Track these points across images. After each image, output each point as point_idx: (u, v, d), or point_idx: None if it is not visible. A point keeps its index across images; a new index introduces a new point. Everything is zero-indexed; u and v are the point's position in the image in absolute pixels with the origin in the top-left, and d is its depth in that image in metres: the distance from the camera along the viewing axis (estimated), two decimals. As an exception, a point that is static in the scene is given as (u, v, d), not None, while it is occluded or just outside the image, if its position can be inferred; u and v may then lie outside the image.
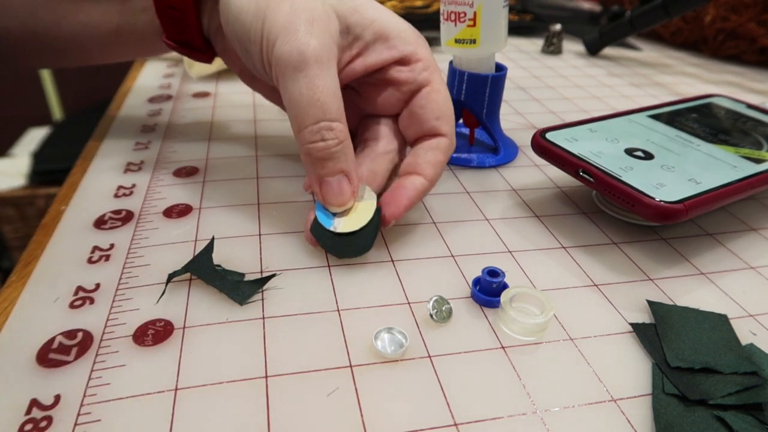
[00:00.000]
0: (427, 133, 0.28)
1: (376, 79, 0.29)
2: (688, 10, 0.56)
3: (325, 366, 0.21)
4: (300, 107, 0.24)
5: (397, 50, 0.28)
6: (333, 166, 0.25)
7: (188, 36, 0.30)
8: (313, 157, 0.25)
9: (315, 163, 0.25)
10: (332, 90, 0.24)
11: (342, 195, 0.25)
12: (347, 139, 0.25)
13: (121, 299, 0.23)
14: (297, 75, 0.24)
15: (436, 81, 0.28)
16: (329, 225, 0.25)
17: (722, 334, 0.23)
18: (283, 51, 0.24)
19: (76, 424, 0.18)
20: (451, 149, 0.28)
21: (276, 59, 0.24)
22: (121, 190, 0.31)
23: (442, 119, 0.28)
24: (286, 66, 0.24)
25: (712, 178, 0.28)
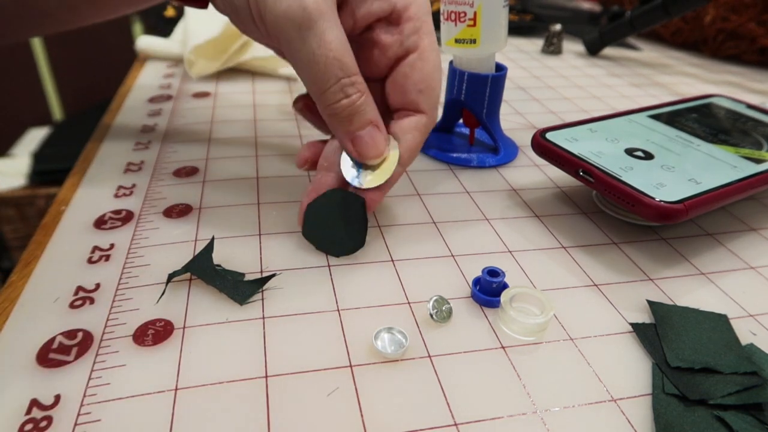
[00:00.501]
0: (407, 106, 0.27)
1: (364, 39, 0.27)
2: (688, 10, 0.56)
3: (325, 366, 0.21)
4: (317, 69, 0.23)
5: (387, 2, 0.25)
6: (361, 119, 0.25)
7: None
8: (339, 116, 0.24)
9: (343, 121, 0.25)
10: (343, 42, 0.23)
11: (377, 145, 0.25)
12: (367, 89, 0.25)
13: (121, 299, 0.23)
14: (304, 34, 0.22)
15: (425, 47, 0.26)
16: (356, 183, 0.26)
17: (722, 334, 0.23)
18: (280, 9, 0.22)
19: (76, 424, 0.18)
20: (430, 127, 0.27)
21: (274, 19, 0.22)
22: (121, 190, 0.31)
23: (424, 92, 0.26)
24: (288, 25, 0.22)
25: (712, 178, 0.28)
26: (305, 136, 0.39)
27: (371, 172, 0.26)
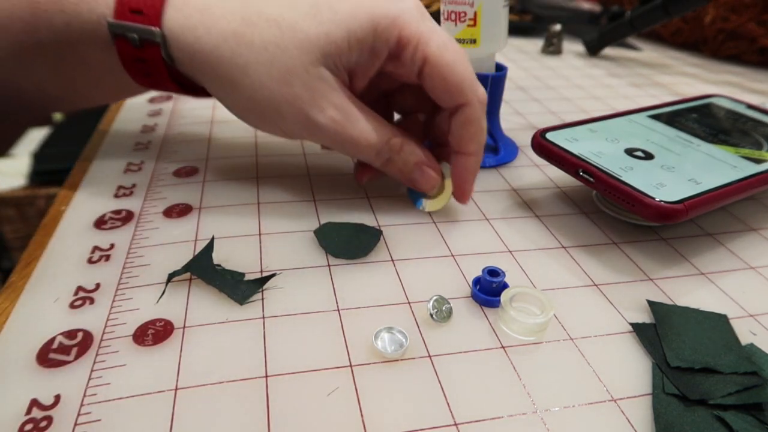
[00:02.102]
0: (450, 107, 0.27)
1: (384, 81, 0.29)
2: (688, 10, 0.56)
3: (325, 365, 0.21)
4: (358, 153, 0.28)
5: (379, 49, 0.26)
6: (408, 166, 0.28)
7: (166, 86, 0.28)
8: (391, 171, 0.28)
9: (395, 172, 0.28)
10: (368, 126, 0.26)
11: (428, 180, 0.29)
12: (405, 139, 0.28)
13: (121, 299, 0.23)
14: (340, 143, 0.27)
15: (433, 54, 0.25)
16: (420, 207, 0.30)
17: (722, 334, 0.23)
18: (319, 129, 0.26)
19: (76, 424, 0.18)
20: (482, 109, 0.27)
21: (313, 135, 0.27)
22: (121, 190, 0.31)
23: (453, 91, 0.26)
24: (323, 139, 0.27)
25: (712, 178, 0.28)
26: (305, 136, 0.39)
27: (430, 200, 0.30)
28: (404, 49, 0.25)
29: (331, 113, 0.25)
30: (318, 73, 0.25)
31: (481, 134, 0.28)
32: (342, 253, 0.27)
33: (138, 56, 0.25)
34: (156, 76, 0.27)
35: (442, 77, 0.26)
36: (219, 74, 0.25)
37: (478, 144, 0.28)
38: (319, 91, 0.25)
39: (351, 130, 0.26)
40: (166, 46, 0.25)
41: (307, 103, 0.25)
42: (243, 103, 0.27)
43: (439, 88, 0.26)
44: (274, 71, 0.24)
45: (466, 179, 0.28)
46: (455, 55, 0.26)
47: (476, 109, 0.26)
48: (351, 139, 0.26)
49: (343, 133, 0.26)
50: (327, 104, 0.25)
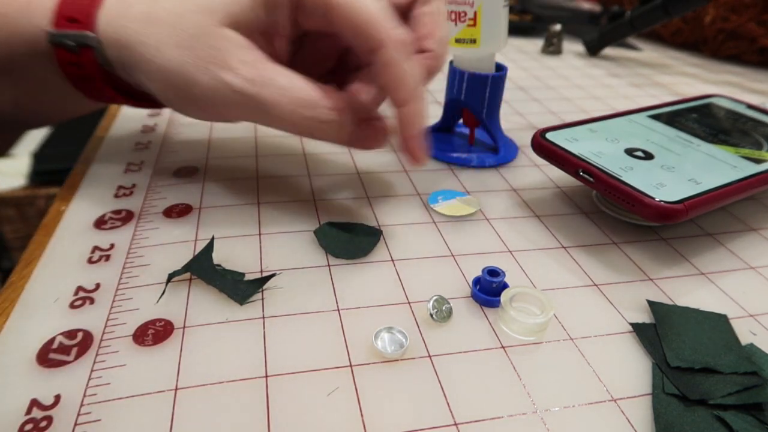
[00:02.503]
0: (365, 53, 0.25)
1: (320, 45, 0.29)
2: (688, 10, 0.56)
3: (325, 365, 0.21)
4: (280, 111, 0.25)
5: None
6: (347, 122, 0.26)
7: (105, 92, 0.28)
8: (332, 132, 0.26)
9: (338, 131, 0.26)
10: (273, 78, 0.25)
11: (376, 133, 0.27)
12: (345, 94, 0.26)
13: (121, 299, 0.23)
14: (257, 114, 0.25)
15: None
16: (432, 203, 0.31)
17: (722, 334, 0.23)
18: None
19: (76, 424, 0.18)
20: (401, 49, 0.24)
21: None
22: (121, 190, 0.31)
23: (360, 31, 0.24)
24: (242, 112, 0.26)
25: (712, 178, 0.28)
26: (305, 136, 0.39)
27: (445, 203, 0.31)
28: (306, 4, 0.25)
29: (243, 71, 0.24)
30: (221, 33, 0.24)
31: (406, 78, 0.24)
32: (342, 253, 0.27)
33: (74, 61, 0.26)
34: (93, 81, 0.27)
35: (347, 19, 0.24)
36: (139, 60, 0.25)
37: (406, 90, 0.25)
38: (225, 50, 0.24)
39: (272, 90, 0.24)
40: (101, 49, 0.25)
41: (214, 63, 0.24)
42: (163, 84, 0.25)
43: (348, 32, 0.24)
44: (179, 39, 0.24)
45: (404, 137, 0.26)
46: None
47: (391, 49, 0.24)
48: (269, 100, 0.24)
49: (260, 94, 0.24)
50: (237, 62, 0.24)
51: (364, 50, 0.25)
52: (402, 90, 0.24)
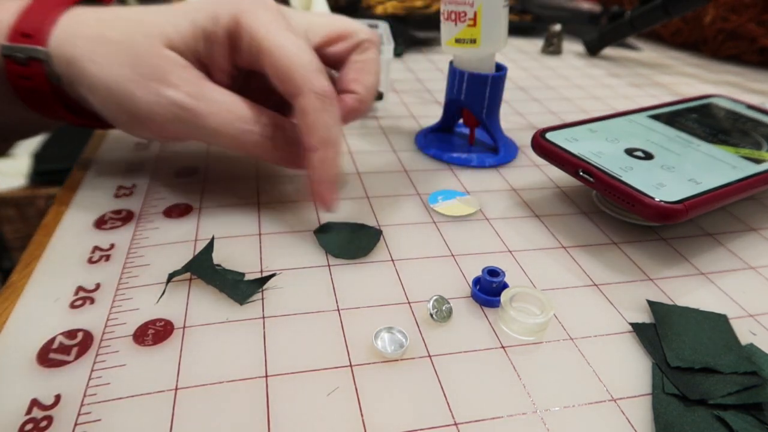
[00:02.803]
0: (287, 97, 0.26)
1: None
2: (688, 11, 0.56)
3: (325, 365, 0.21)
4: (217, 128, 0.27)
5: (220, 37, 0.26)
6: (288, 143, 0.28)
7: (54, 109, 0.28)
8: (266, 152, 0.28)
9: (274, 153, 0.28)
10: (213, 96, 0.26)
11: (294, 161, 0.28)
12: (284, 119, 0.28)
13: (121, 299, 0.23)
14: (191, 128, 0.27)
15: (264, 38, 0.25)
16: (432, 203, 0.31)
17: (722, 334, 0.23)
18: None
19: (76, 423, 0.18)
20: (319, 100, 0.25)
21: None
22: (121, 190, 0.31)
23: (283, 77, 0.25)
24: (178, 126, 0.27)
25: (712, 178, 0.28)
26: (305, 136, 0.39)
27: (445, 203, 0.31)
28: (241, 37, 0.26)
29: (183, 87, 0.25)
30: (164, 53, 0.25)
31: (320, 127, 0.25)
32: (342, 253, 0.27)
33: (24, 74, 0.26)
34: (43, 96, 0.27)
35: (273, 66, 0.25)
36: (85, 75, 0.26)
37: (318, 138, 0.25)
38: (166, 68, 0.25)
39: (210, 104, 0.26)
40: (50, 63, 0.26)
41: (155, 80, 0.25)
42: (106, 100, 0.26)
43: (273, 76, 0.26)
44: (125, 58, 0.25)
45: (313, 181, 0.26)
46: (287, 41, 0.25)
47: (309, 99, 0.25)
48: (206, 115, 0.26)
49: (197, 109, 0.25)
50: (177, 79, 0.25)
51: (286, 95, 0.26)
52: (313, 136, 0.25)
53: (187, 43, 0.26)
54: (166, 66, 0.25)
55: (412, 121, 0.43)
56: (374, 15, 0.69)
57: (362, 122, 0.42)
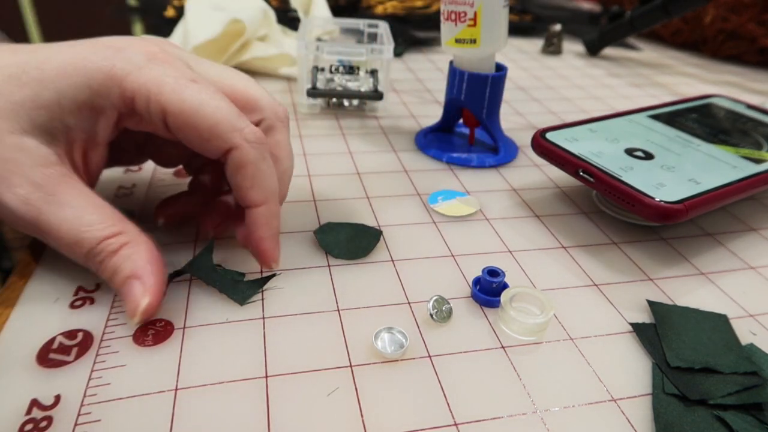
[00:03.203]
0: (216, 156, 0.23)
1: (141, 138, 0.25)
2: (688, 10, 0.56)
3: (326, 366, 0.21)
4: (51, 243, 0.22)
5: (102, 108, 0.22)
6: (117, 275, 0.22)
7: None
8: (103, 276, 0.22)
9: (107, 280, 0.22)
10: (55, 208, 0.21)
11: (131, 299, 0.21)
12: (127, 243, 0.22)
13: (121, 299, 0.23)
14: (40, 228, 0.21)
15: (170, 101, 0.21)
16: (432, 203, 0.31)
17: (722, 334, 0.23)
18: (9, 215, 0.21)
19: (76, 424, 0.18)
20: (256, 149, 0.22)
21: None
22: (121, 190, 0.31)
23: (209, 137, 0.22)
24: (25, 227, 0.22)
25: (712, 178, 0.28)
26: (305, 135, 0.39)
27: (444, 203, 0.31)
28: (135, 104, 0.22)
29: (22, 191, 0.20)
30: (17, 142, 0.21)
31: (263, 178, 0.23)
32: (342, 253, 0.27)
33: None
34: None
35: (190, 126, 0.22)
36: None
37: (262, 191, 0.23)
38: (14, 164, 0.20)
39: (49, 217, 0.21)
40: None
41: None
42: None
43: (194, 139, 0.22)
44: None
45: (259, 237, 0.23)
46: (200, 94, 0.22)
47: (246, 150, 0.22)
48: (49, 229, 0.21)
49: (38, 220, 0.21)
50: (20, 180, 0.21)
51: (209, 153, 0.23)
52: (258, 190, 0.23)
53: (54, 122, 0.21)
54: (15, 161, 0.21)
55: (412, 121, 0.43)
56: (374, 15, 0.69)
57: (362, 122, 0.42)
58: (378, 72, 0.42)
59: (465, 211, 0.31)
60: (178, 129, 0.22)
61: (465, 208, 0.31)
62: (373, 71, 0.42)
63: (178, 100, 0.21)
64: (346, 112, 0.43)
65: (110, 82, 0.21)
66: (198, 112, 0.21)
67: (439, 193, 0.32)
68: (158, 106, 0.21)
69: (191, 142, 0.22)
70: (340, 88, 0.42)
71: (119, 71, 0.21)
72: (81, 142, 0.22)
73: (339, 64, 0.42)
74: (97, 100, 0.21)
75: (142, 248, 0.22)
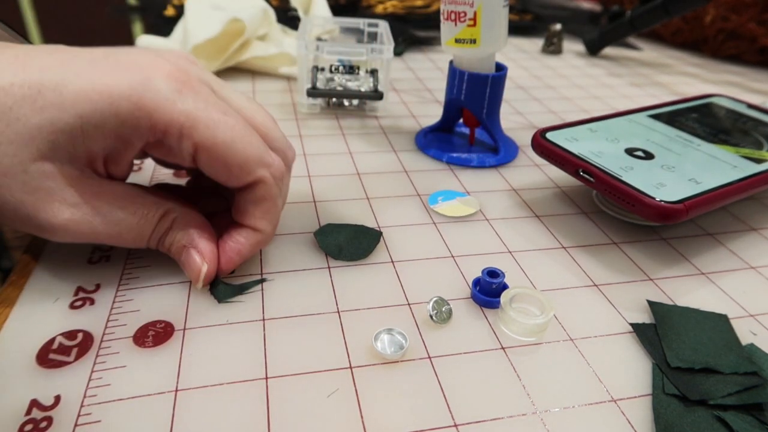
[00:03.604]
0: (238, 186, 0.23)
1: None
2: (688, 10, 0.56)
3: (325, 367, 0.21)
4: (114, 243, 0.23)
5: (128, 136, 0.21)
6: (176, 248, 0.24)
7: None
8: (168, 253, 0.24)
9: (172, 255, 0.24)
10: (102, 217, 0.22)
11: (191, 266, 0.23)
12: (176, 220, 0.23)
13: (121, 300, 0.23)
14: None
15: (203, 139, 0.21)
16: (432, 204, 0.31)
17: (722, 335, 0.23)
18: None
19: (76, 424, 0.18)
20: (278, 185, 0.23)
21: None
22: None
23: (238, 173, 0.22)
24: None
25: (712, 178, 0.28)
26: (305, 135, 0.39)
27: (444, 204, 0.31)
28: (165, 138, 0.21)
29: (66, 215, 0.21)
30: (41, 170, 0.20)
31: (276, 213, 0.24)
32: (342, 254, 0.27)
33: None
34: None
35: (221, 162, 0.22)
36: None
37: (269, 223, 0.24)
38: (45, 192, 0.20)
39: (101, 226, 0.21)
40: None
41: (32, 207, 0.20)
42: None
43: (222, 173, 0.22)
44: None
45: (237, 252, 0.24)
46: (232, 132, 0.21)
47: (271, 186, 0.23)
48: (106, 235, 0.22)
49: (93, 231, 0.21)
50: (59, 205, 0.21)
51: (236, 185, 0.23)
52: (267, 223, 0.24)
53: (76, 147, 0.20)
54: (45, 189, 0.20)
55: (412, 120, 0.43)
56: (374, 14, 0.69)
57: (362, 122, 0.42)
58: (378, 72, 0.42)
59: (465, 211, 0.31)
60: (209, 165, 0.22)
61: (465, 209, 0.31)
62: (373, 71, 0.42)
63: (211, 137, 0.21)
64: (346, 112, 0.43)
65: (139, 113, 0.20)
66: (230, 148, 0.21)
67: (439, 194, 0.32)
68: (191, 142, 0.21)
69: (217, 175, 0.22)
70: (340, 87, 0.42)
71: (149, 102, 0.20)
72: (105, 161, 0.22)
73: (339, 64, 0.42)
74: (124, 131, 0.20)
75: (191, 219, 0.24)
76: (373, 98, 0.42)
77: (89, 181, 0.21)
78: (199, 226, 0.24)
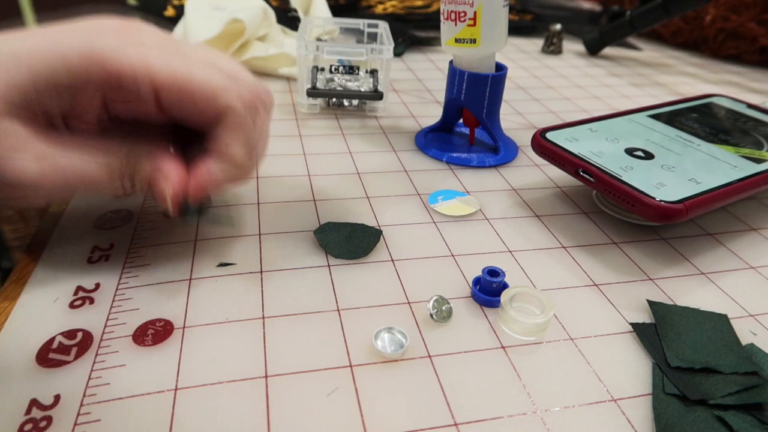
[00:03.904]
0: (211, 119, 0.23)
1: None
2: (688, 10, 0.56)
3: (325, 366, 0.21)
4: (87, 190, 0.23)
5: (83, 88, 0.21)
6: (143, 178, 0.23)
7: None
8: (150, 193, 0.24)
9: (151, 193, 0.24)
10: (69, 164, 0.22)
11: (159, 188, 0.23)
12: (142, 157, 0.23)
13: (120, 299, 0.23)
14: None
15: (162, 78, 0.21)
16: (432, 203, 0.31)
17: (722, 334, 0.23)
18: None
19: (75, 424, 0.18)
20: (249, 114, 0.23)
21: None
22: (121, 190, 0.31)
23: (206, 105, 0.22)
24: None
25: (712, 178, 0.28)
26: (305, 135, 0.39)
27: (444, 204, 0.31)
28: (122, 84, 0.21)
29: (34, 167, 0.21)
30: (1, 128, 0.20)
31: (249, 142, 0.23)
32: (342, 253, 0.27)
33: None
34: None
35: (185, 95, 0.21)
36: None
37: (242, 150, 0.23)
38: (8, 149, 0.21)
39: (71, 172, 0.21)
40: None
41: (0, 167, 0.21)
42: None
43: (189, 109, 0.22)
44: None
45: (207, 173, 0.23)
46: (190, 64, 0.21)
47: (241, 114, 0.22)
48: (79, 180, 0.22)
49: (64, 180, 0.21)
50: (24, 157, 0.21)
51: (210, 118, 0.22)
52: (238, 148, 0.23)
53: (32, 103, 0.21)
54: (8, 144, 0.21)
55: (412, 121, 0.43)
56: (374, 14, 0.69)
57: (362, 122, 0.42)
58: (378, 72, 0.42)
59: (465, 211, 0.31)
60: (172, 103, 0.22)
61: (465, 208, 0.31)
62: (373, 71, 0.42)
63: (168, 71, 0.21)
64: (346, 112, 0.43)
65: (89, 62, 0.20)
66: (191, 80, 0.21)
67: (439, 193, 0.32)
68: (148, 81, 0.21)
69: (185, 113, 0.22)
70: (340, 88, 0.42)
71: (99, 51, 0.20)
72: (66, 117, 0.22)
73: (339, 64, 0.42)
74: (77, 83, 0.21)
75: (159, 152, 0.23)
76: (373, 98, 0.42)
77: (52, 135, 0.22)
78: (166, 156, 0.23)
